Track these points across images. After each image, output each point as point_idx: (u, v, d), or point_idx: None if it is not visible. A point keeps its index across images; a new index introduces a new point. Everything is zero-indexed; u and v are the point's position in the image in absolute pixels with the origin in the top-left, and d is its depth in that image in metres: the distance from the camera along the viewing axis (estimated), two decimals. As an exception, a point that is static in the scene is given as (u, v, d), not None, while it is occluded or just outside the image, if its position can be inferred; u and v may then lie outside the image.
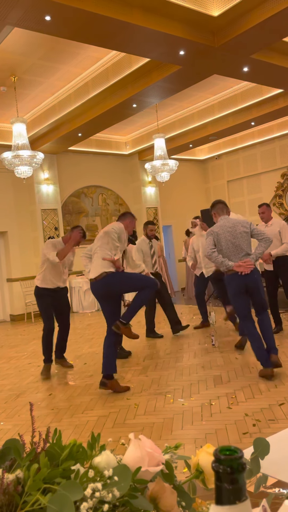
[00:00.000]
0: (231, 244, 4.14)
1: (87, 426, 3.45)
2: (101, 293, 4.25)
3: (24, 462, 0.64)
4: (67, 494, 0.55)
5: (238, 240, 4.14)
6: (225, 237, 4.16)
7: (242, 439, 2.94)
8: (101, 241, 4.30)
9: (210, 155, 13.09)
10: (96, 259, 4.26)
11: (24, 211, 10.30)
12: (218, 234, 4.19)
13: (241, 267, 4.05)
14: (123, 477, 0.62)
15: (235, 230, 4.16)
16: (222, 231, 4.18)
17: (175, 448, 0.82)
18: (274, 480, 0.93)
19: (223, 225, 4.23)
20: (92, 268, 4.29)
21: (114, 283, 4.16)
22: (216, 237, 4.19)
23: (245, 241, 4.17)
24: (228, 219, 4.32)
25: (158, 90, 7.17)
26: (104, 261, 4.16)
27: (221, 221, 4.31)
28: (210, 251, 4.18)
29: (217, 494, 0.45)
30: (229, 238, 4.15)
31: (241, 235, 4.16)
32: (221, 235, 4.17)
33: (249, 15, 5.28)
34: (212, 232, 4.24)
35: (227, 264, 4.10)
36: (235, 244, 4.13)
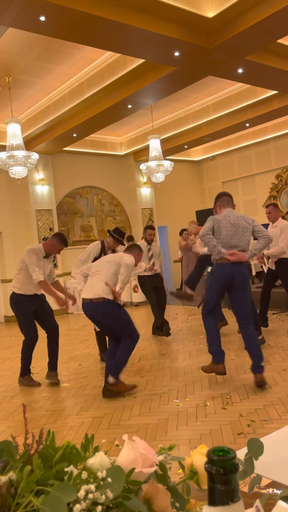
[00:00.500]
0: (230, 236, 3.98)
1: (82, 427, 3.44)
2: (92, 316, 4.14)
3: (17, 464, 0.64)
4: (60, 496, 0.55)
5: (238, 234, 3.99)
6: (226, 228, 3.99)
7: (237, 440, 2.95)
8: (110, 266, 4.15)
9: (205, 156, 13.12)
10: (98, 281, 4.07)
11: (18, 212, 10.27)
12: (219, 222, 4.01)
13: (234, 255, 3.89)
14: (116, 479, 0.61)
15: (238, 224, 4.01)
16: (225, 221, 4.01)
17: (169, 449, 0.82)
18: (268, 481, 0.93)
19: (227, 216, 4.05)
20: (89, 287, 4.11)
21: (106, 313, 4.04)
22: (217, 225, 4.01)
23: (245, 237, 4.02)
24: (233, 212, 4.15)
25: (153, 91, 7.17)
26: (106, 286, 4.02)
27: (225, 212, 4.12)
28: (205, 233, 3.97)
29: (210, 495, 0.44)
30: (229, 229, 3.98)
31: (242, 230, 4.00)
32: (222, 224, 4.00)
33: (244, 16, 5.30)
34: (214, 219, 4.05)
35: (219, 250, 3.91)
36: (234, 237, 3.98)
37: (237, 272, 3.94)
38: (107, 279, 4.06)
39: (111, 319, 4.09)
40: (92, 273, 4.22)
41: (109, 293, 4.01)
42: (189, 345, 5.90)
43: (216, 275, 4.07)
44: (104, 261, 4.28)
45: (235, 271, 3.93)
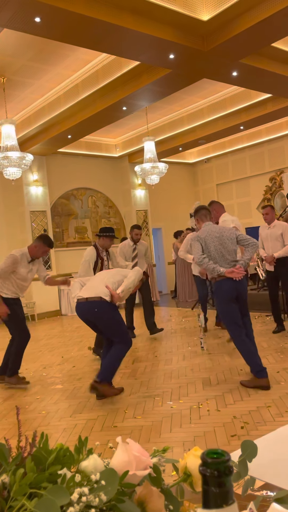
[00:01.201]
0: (219, 250, 4.06)
1: (75, 430, 3.43)
2: (85, 315, 4.04)
3: (10, 466, 0.64)
4: (53, 499, 0.55)
5: (226, 247, 4.07)
6: (213, 243, 4.06)
7: (231, 442, 2.95)
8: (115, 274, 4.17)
9: (199, 158, 13.15)
10: (98, 283, 4.06)
11: (12, 213, 10.23)
12: (205, 240, 4.09)
13: (234, 273, 3.97)
14: (110, 481, 0.61)
15: (222, 236, 4.09)
16: (210, 237, 4.09)
17: (163, 452, 0.82)
18: (261, 483, 0.94)
19: (210, 231, 4.13)
20: (87, 288, 4.08)
21: (101, 314, 3.97)
22: (203, 243, 4.10)
23: (232, 247, 4.11)
24: (214, 226, 4.23)
25: (148, 93, 7.18)
26: (105, 289, 3.98)
27: (206, 227, 4.21)
28: (200, 257, 4.04)
29: (204, 497, 0.44)
30: (217, 244, 4.06)
31: (228, 242, 4.09)
32: (209, 241, 4.08)
33: (238, 20, 5.32)
34: (199, 238, 4.13)
35: (218, 270, 3.99)
36: (223, 250, 4.06)
37: (239, 286, 4.06)
38: (109, 283, 4.02)
39: (104, 321, 4.02)
40: (92, 278, 4.23)
41: (107, 295, 3.96)
42: (183, 347, 5.90)
43: (221, 293, 4.09)
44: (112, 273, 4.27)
45: (238, 285, 4.05)
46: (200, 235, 4.15)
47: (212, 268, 4.01)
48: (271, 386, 3.96)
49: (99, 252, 5.38)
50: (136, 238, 6.77)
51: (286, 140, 11.30)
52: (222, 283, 4.04)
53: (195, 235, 4.22)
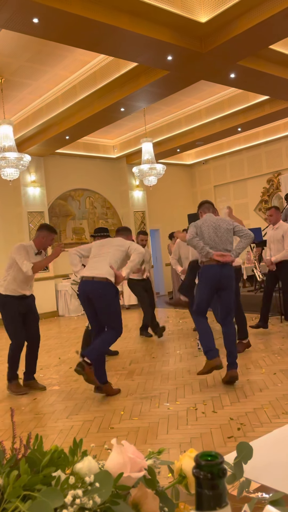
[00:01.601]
0: (213, 238, 4.15)
1: (72, 431, 3.42)
2: (87, 295, 3.97)
3: (4, 468, 0.63)
4: (47, 501, 0.55)
5: (220, 236, 4.16)
6: (208, 231, 4.17)
7: (227, 443, 2.95)
8: (116, 251, 4.10)
9: (197, 160, 13.17)
10: (102, 262, 4.01)
11: (10, 214, 10.21)
12: (201, 227, 4.20)
13: (222, 256, 4.05)
14: (104, 484, 0.61)
15: (218, 226, 4.19)
16: (206, 225, 4.20)
17: (158, 453, 0.81)
18: (257, 485, 0.93)
19: (206, 220, 4.26)
20: (91, 267, 4.03)
21: (104, 296, 3.93)
22: (199, 230, 4.19)
23: (227, 238, 4.19)
24: (212, 216, 4.35)
25: (146, 94, 7.19)
26: (110, 269, 3.95)
27: (205, 217, 4.34)
28: (191, 236, 4.13)
29: (197, 500, 0.44)
30: (211, 231, 4.17)
31: (224, 231, 4.18)
32: (204, 228, 4.19)
33: (236, 22, 5.33)
34: (195, 224, 4.25)
35: (207, 251, 4.07)
36: (216, 239, 4.15)
37: (224, 273, 4.11)
38: (112, 263, 3.99)
39: (105, 304, 3.95)
40: (95, 255, 4.11)
41: (112, 276, 3.94)
42: (180, 348, 5.90)
43: (204, 276, 4.20)
44: (111, 244, 4.16)
45: (222, 272, 4.10)
46: (197, 222, 4.28)
47: (201, 247, 4.11)
48: (267, 387, 3.96)
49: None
50: (142, 244, 6.79)
51: (284, 142, 11.33)
52: (208, 267, 4.15)
53: (193, 222, 4.33)
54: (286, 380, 4.15)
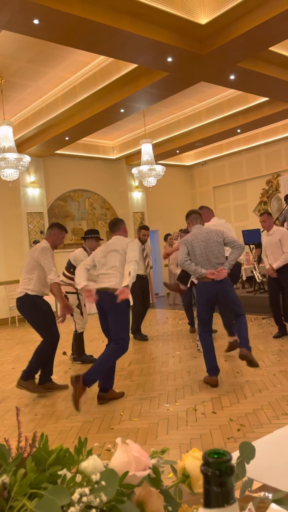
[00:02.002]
0: (204, 253, 4.18)
1: (72, 432, 3.42)
2: (101, 304, 3.95)
3: (10, 467, 0.64)
4: (54, 499, 0.55)
5: (212, 250, 4.18)
6: (199, 246, 4.19)
7: (227, 444, 2.95)
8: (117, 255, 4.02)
9: (196, 161, 13.19)
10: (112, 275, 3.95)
11: (9, 214, 10.21)
12: (192, 244, 4.22)
13: (214, 274, 4.10)
14: (110, 482, 0.61)
15: (208, 239, 4.20)
16: (196, 240, 4.22)
17: (162, 453, 0.82)
18: (259, 484, 0.94)
19: (197, 234, 4.27)
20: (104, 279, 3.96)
21: (117, 306, 3.86)
22: (190, 246, 4.23)
23: (219, 250, 4.20)
24: (202, 228, 4.34)
25: (146, 95, 7.20)
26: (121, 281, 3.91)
27: (194, 230, 4.33)
28: (183, 260, 4.19)
29: (205, 497, 0.45)
30: (203, 247, 4.19)
31: (215, 244, 4.19)
32: (195, 244, 4.21)
33: (236, 24, 5.35)
34: (186, 241, 4.26)
35: (200, 272, 4.13)
36: (208, 253, 4.17)
37: (220, 289, 4.17)
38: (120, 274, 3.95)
39: (118, 314, 3.92)
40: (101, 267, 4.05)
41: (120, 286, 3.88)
42: (180, 349, 5.90)
43: (201, 293, 4.28)
44: (109, 250, 4.08)
45: (218, 288, 4.16)
46: (187, 239, 4.29)
47: (193, 270, 4.17)
48: (267, 388, 3.97)
49: (88, 253, 5.47)
50: (143, 239, 6.81)
51: (283, 144, 11.35)
52: (203, 285, 4.21)
53: (183, 239, 4.35)
54: (285, 381, 4.15)
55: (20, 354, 6.56)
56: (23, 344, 7.38)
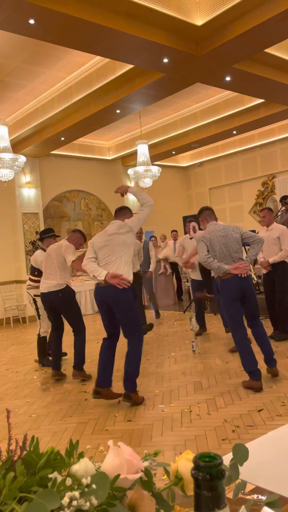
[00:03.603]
0: (224, 249, 4.09)
1: (66, 433, 3.41)
2: (106, 300, 3.80)
3: (0, 470, 0.63)
4: (43, 503, 0.54)
5: (231, 245, 4.10)
6: (218, 242, 4.10)
7: (221, 445, 2.95)
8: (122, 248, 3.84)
9: (192, 162, 13.21)
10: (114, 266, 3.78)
11: (4, 215, 10.17)
12: (210, 240, 4.13)
13: (238, 269, 3.99)
14: (101, 485, 0.61)
15: (227, 235, 4.13)
16: (215, 236, 4.13)
17: (155, 455, 0.81)
18: (252, 486, 0.93)
19: (214, 231, 4.17)
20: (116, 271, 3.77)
21: (126, 299, 3.75)
22: (208, 243, 4.13)
23: (237, 246, 4.14)
24: (218, 224, 4.27)
25: (142, 96, 7.20)
26: (127, 272, 3.79)
27: (210, 227, 4.25)
28: (205, 257, 4.06)
29: (196, 501, 0.44)
30: (222, 243, 4.10)
31: (233, 240, 4.12)
32: (214, 240, 4.11)
33: (232, 25, 5.36)
34: (204, 238, 4.16)
35: (223, 268, 4.00)
36: (228, 249, 4.09)
37: (245, 284, 4.06)
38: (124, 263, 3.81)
39: (126, 307, 3.79)
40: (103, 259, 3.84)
41: (130, 276, 3.81)
42: (175, 350, 5.90)
43: (226, 291, 4.10)
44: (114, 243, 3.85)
45: (242, 283, 4.04)
46: (205, 235, 4.18)
47: (217, 267, 4.04)
48: (263, 389, 3.97)
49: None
50: (137, 237, 6.86)
51: (278, 145, 11.39)
52: (227, 281, 4.06)
53: (201, 235, 4.24)
54: (280, 383, 4.16)
55: (15, 355, 6.53)
56: (18, 345, 7.35)
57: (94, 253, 3.91)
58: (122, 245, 3.85)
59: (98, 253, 3.89)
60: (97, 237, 3.98)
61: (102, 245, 3.88)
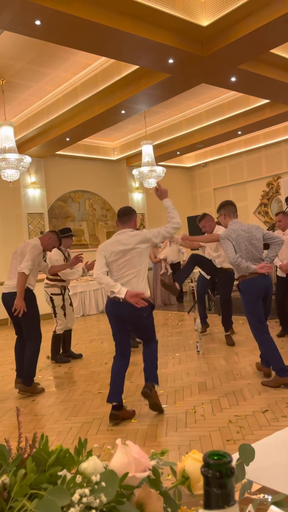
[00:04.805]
0: (250, 250, 4.11)
1: (71, 433, 3.42)
2: (123, 316, 3.57)
3: (10, 467, 0.64)
4: (54, 499, 0.55)
5: (255, 245, 4.13)
6: (244, 243, 4.11)
7: (226, 446, 2.95)
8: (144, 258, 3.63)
9: (197, 162, 13.19)
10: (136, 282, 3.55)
11: (9, 215, 10.21)
12: (236, 240, 4.11)
13: (264, 268, 4.02)
14: (110, 483, 0.61)
15: (251, 235, 4.14)
16: (241, 237, 4.11)
17: (161, 454, 0.82)
18: (258, 486, 0.94)
19: (238, 230, 4.15)
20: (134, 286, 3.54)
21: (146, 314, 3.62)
22: (235, 242, 4.11)
23: (260, 245, 4.18)
24: (241, 223, 4.25)
25: (147, 97, 7.21)
26: (145, 286, 3.60)
27: (234, 225, 4.21)
28: (235, 257, 4.01)
29: (205, 498, 0.45)
30: (247, 244, 4.12)
31: (256, 240, 4.14)
32: (240, 240, 4.10)
33: (238, 26, 5.36)
34: (229, 237, 4.11)
35: (251, 268, 4.01)
36: (252, 249, 4.12)
37: (267, 282, 4.15)
38: (142, 278, 3.60)
39: (145, 323, 3.70)
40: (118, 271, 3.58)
41: (147, 291, 3.61)
42: (179, 350, 5.90)
43: (251, 291, 4.10)
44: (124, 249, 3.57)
45: (266, 282, 4.13)
46: (230, 235, 4.13)
47: (246, 267, 4.03)
48: (266, 390, 3.97)
49: (63, 252, 5.77)
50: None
51: (284, 146, 11.36)
52: (254, 281, 4.08)
53: (225, 234, 4.17)
54: (285, 383, 4.15)
55: (20, 354, 6.54)
56: (22, 345, 7.36)
57: (106, 265, 3.60)
58: (140, 257, 3.59)
59: (110, 265, 3.60)
60: (109, 247, 3.61)
61: (117, 257, 3.57)
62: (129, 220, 3.77)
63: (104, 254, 3.60)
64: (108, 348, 6.43)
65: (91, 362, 5.64)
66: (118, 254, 3.56)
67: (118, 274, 3.57)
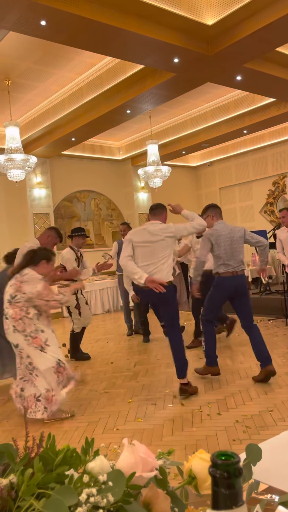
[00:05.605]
0: (229, 248, 4.26)
1: (77, 432, 3.43)
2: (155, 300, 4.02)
3: (18, 467, 0.64)
4: (61, 499, 0.55)
5: (235, 246, 4.28)
6: (224, 241, 4.27)
7: (232, 446, 2.94)
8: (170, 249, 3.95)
9: (202, 162, 13.17)
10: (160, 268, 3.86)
11: (15, 215, 10.25)
12: (217, 237, 4.28)
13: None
14: (117, 483, 0.61)
15: (232, 236, 4.29)
16: (222, 237, 4.28)
17: (168, 454, 0.82)
18: (265, 486, 0.94)
19: (220, 230, 4.33)
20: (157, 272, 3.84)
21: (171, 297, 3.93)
22: (215, 240, 4.28)
23: (241, 247, 4.33)
24: (225, 224, 4.42)
25: (152, 96, 7.21)
26: (169, 271, 3.90)
27: (218, 225, 4.39)
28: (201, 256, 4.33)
29: (213, 499, 0.45)
30: (227, 243, 4.27)
31: (237, 241, 4.30)
32: (220, 240, 4.27)
33: (243, 25, 5.34)
34: (211, 236, 4.30)
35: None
36: (232, 249, 4.26)
37: (239, 283, 4.27)
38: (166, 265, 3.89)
39: (172, 303, 3.97)
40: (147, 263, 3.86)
41: (171, 276, 3.94)
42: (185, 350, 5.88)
43: (220, 287, 4.32)
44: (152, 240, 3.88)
45: (237, 282, 4.26)
46: (213, 234, 4.32)
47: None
48: (273, 390, 3.95)
49: (75, 251, 5.81)
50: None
51: (289, 145, 11.30)
52: (223, 280, 4.30)
53: (208, 233, 4.38)
54: (291, 383, 4.13)
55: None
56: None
57: (132, 251, 3.91)
58: (165, 248, 3.91)
59: (136, 251, 3.91)
60: (136, 236, 3.94)
61: (143, 246, 3.90)
62: (160, 214, 4.10)
63: (131, 242, 3.93)
64: (114, 348, 6.44)
65: (97, 362, 5.64)
66: (144, 243, 3.89)
67: (143, 261, 3.88)
